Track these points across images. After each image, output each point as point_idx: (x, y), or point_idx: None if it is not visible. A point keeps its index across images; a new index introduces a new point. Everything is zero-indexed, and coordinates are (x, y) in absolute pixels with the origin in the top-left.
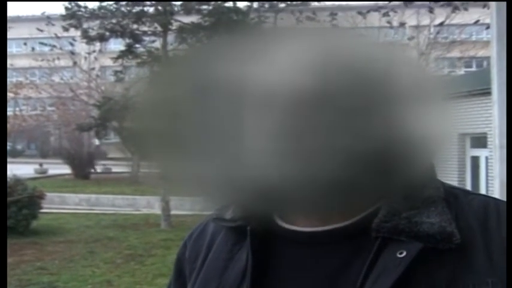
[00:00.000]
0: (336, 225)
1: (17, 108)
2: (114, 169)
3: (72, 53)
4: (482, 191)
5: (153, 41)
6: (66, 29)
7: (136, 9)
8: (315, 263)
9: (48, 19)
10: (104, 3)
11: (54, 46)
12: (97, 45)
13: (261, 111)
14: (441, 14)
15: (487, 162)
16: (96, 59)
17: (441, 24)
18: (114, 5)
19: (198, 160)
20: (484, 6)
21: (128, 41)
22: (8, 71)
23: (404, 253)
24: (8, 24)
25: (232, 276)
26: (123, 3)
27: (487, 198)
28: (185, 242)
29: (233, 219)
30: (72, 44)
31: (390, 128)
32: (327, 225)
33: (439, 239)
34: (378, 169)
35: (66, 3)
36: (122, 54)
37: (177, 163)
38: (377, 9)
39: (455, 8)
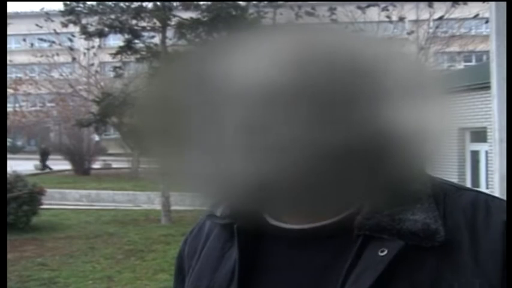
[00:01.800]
0: (322, 222)
1: (17, 105)
2: (114, 165)
3: (71, 48)
4: (482, 185)
5: (152, 37)
6: (65, 25)
7: (135, 4)
8: (302, 261)
9: (47, 15)
10: None
11: (53, 42)
12: (96, 41)
13: (242, 107)
14: (440, 8)
15: (486, 157)
16: (95, 54)
17: (440, 18)
18: (113, 1)
19: (193, 156)
20: (484, 1)
21: (126, 36)
22: (7, 67)
23: (386, 251)
24: (7, 21)
25: (222, 273)
26: None
27: (478, 194)
28: (186, 238)
29: (222, 216)
30: (71, 40)
31: (375, 124)
32: (314, 222)
33: (422, 237)
34: (364, 165)
35: None
36: (121, 50)
37: (174, 158)
38: (376, 3)
39: (455, 2)
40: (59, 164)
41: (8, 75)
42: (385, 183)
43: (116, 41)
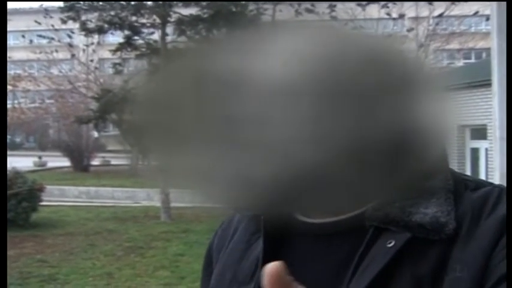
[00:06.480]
0: (343, 216)
1: (16, 101)
2: (113, 161)
3: (71, 45)
4: None
5: (152, 33)
6: (64, 22)
7: (135, 1)
8: (323, 255)
9: (46, 11)
10: None
11: (52, 38)
12: (95, 38)
13: (265, 101)
14: (440, 6)
15: (486, 154)
16: (94, 51)
17: (440, 15)
18: None
19: (198, 153)
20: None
21: (126, 33)
22: (6, 64)
23: (393, 243)
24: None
25: (247, 265)
26: None
27: (493, 188)
28: (216, 231)
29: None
30: (70, 37)
31: (401, 119)
32: (337, 216)
33: (429, 229)
34: (388, 161)
35: None
36: (121, 47)
37: (177, 156)
38: (376, 0)
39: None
40: (58, 161)
41: (7, 72)
42: (407, 178)
43: (115, 37)
